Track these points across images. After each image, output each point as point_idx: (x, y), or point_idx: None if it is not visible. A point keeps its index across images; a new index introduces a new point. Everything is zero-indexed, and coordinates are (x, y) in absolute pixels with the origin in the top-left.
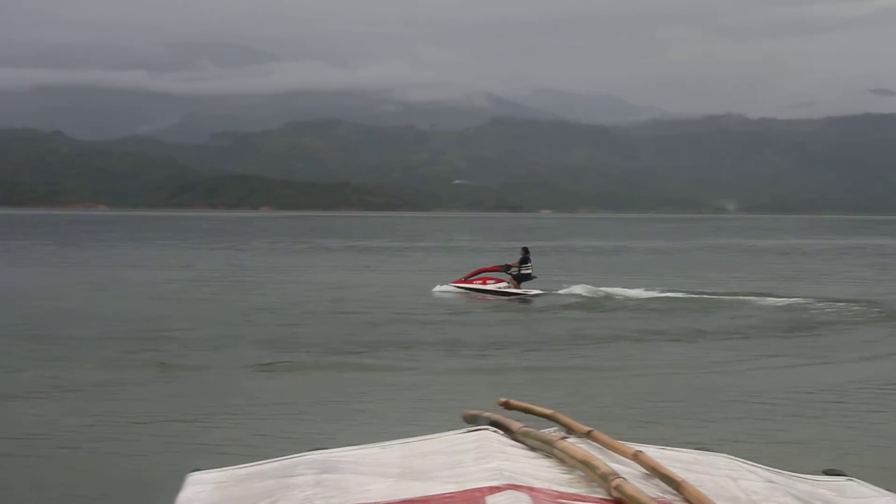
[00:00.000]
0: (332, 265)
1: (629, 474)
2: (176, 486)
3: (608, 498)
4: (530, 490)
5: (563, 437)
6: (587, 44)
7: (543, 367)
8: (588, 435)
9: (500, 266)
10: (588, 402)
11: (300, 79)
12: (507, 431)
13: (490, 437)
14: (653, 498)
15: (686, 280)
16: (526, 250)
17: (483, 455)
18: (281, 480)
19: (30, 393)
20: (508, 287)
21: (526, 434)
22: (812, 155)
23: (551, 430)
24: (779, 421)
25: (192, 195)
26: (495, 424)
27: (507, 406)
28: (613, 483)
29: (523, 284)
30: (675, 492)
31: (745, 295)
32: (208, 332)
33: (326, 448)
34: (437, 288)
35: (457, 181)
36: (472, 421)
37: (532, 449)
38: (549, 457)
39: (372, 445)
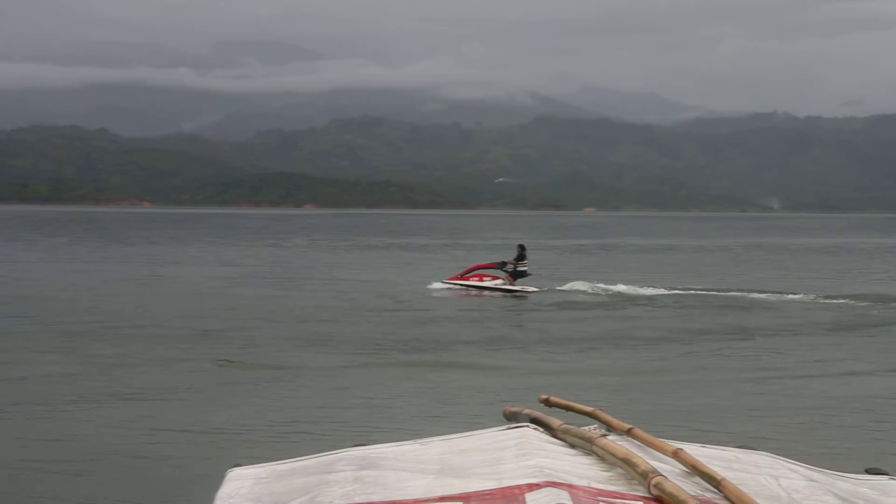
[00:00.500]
0: (374, 263)
1: (669, 472)
2: (215, 481)
3: (648, 496)
4: (570, 487)
5: (603, 435)
6: (632, 41)
7: (583, 364)
8: (628, 432)
9: (496, 263)
10: (628, 400)
11: (345, 77)
12: (547, 429)
13: (530, 435)
14: (693, 496)
15: (729, 278)
16: (522, 247)
17: (523, 452)
18: (320, 476)
19: (74, 392)
20: (505, 284)
21: (566, 431)
22: (858, 153)
23: (591, 427)
24: (821, 419)
25: (237, 193)
26: (535, 422)
27: (547, 403)
28: (653, 481)
29: (519, 281)
30: (715, 490)
31: (789, 293)
32: (250, 329)
33: (366, 444)
34: (434, 285)
35: (500, 179)
36: (512, 418)
37: (572, 446)
38: (588, 454)
39: (411, 442)
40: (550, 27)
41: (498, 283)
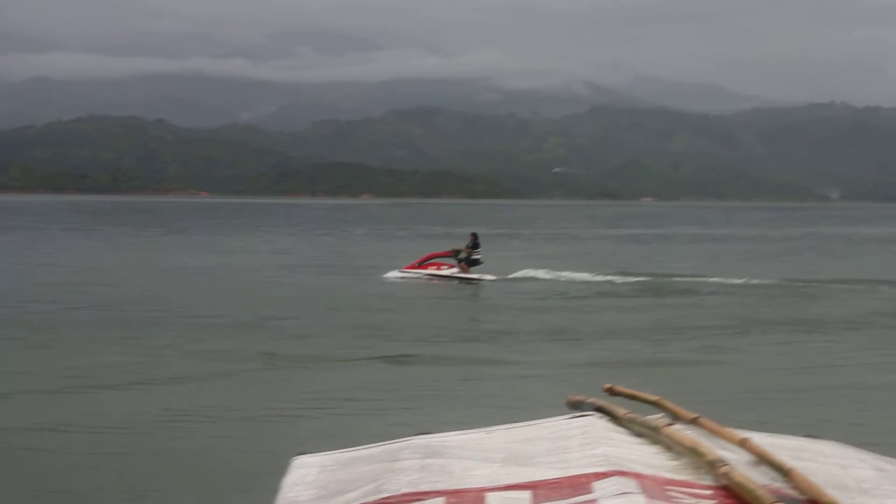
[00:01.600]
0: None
1: (736, 461)
2: (281, 469)
3: (715, 485)
4: (637, 476)
5: (670, 424)
6: (687, 30)
7: (644, 353)
8: (694, 422)
9: (451, 251)
10: (692, 390)
11: (401, 67)
12: (613, 417)
13: (595, 423)
14: (761, 485)
15: (787, 268)
16: (475, 236)
17: (588, 441)
18: (386, 465)
19: (137, 381)
20: (458, 273)
21: (632, 420)
22: None
23: (657, 416)
24: (890, 409)
25: (294, 183)
26: (600, 410)
27: (611, 392)
28: (721, 470)
29: (473, 270)
30: (783, 479)
31: (850, 283)
32: (309, 319)
33: (431, 433)
34: (390, 274)
35: (556, 169)
36: (577, 407)
37: (638, 435)
38: (655, 443)
39: (476, 430)
40: (605, 16)
41: (453, 271)
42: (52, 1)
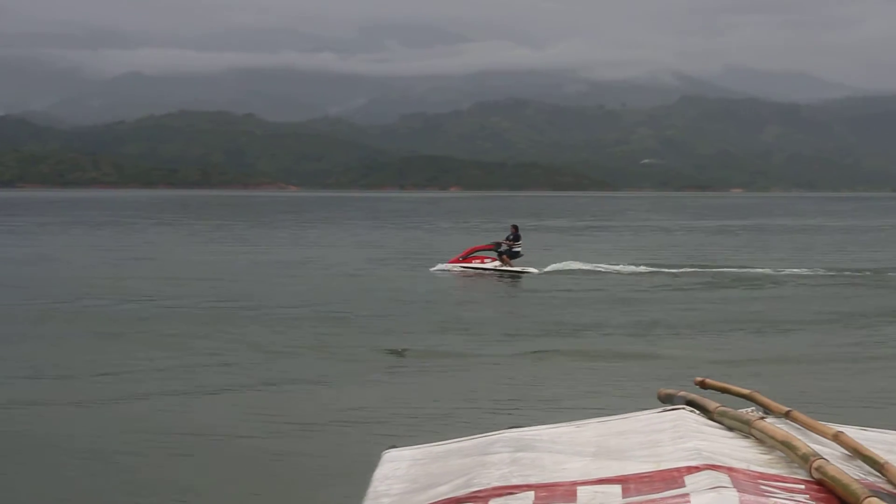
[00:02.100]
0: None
1: (830, 455)
2: (372, 462)
3: (809, 479)
4: (729, 470)
5: (762, 418)
6: (779, 20)
7: (736, 347)
8: (787, 415)
9: (492, 244)
10: (784, 383)
11: (488, 59)
12: (704, 411)
13: (687, 417)
14: (855, 479)
15: (880, 258)
16: (516, 227)
17: (680, 435)
18: (477, 458)
19: (225, 375)
20: (501, 266)
21: (723, 414)
22: None
23: (749, 410)
24: None
25: (382, 176)
26: (691, 404)
27: (702, 385)
28: (815, 464)
29: (514, 262)
30: (878, 473)
31: None
32: (398, 313)
33: (522, 427)
34: (436, 267)
35: (645, 161)
36: (668, 400)
37: (729, 429)
38: (747, 437)
39: (567, 424)
40: (694, 6)
41: (496, 264)
42: None
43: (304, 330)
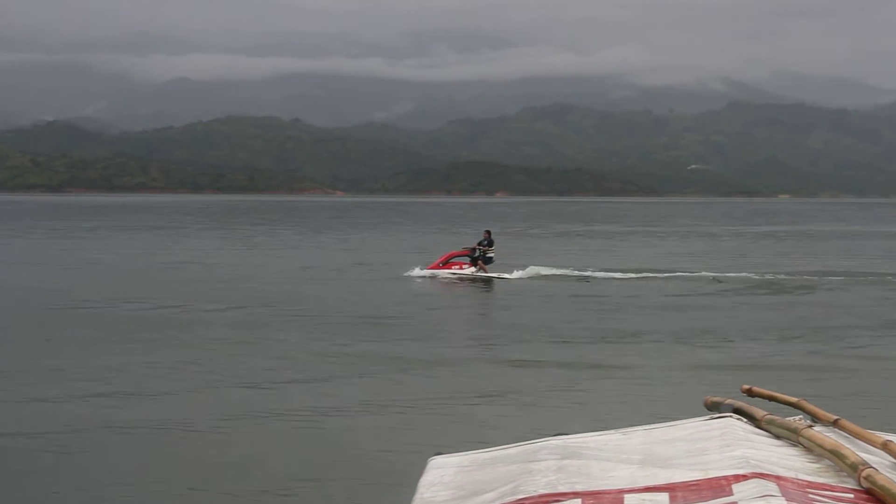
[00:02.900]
0: (564, 249)
1: (879, 464)
2: (418, 470)
3: (858, 488)
4: (778, 479)
5: (810, 426)
6: (826, 24)
7: (782, 354)
8: (835, 424)
9: (469, 250)
10: (831, 391)
11: (536, 64)
12: (751, 419)
13: (734, 425)
14: None
15: None
16: (489, 233)
17: (727, 443)
18: (523, 465)
19: (268, 381)
20: (478, 271)
21: (770, 422)
22: None
23: (796, 418)
24: None
25: (429, 181)
26: (738, 412)
27: (749, 393)
28: (864, 473)
29: (488, 268)
30: None
31: None
32: (436, 317)
33: (567, 434)
34: (413, 272)
35: (692, 166)
36: (715, 408)
37: (777, 437)
38: (794, 445)
39: (613, 432)
40: (741, 11)
41: (472, 270)
42: (191, 3)
43: (343, 334)
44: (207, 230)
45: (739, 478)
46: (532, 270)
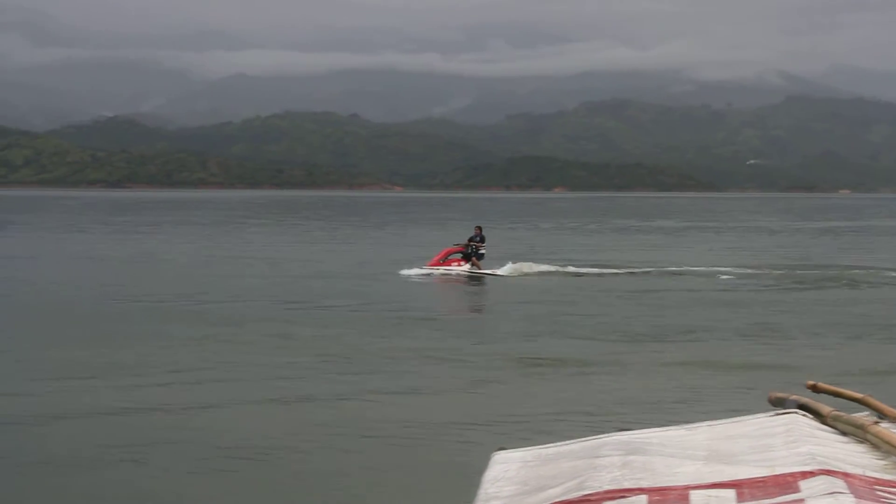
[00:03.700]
0: (621, 244)
1: None
2: (482, 464)
3: None
4: (845, 476)
5: (876, 422)
6: (887, 18)
7: (846, 350)
8: None
9: (462, 246)
10: (894, 388)
11: (593, 59)
12: (817, 415)
13: (799, 421)
14: None
15: None
16: (480, 229)
17: (793, 439)
18: (587, 461)
19: (330, 375)
20: (472, 268)
21: (836, 418)
22: None
23: (863, 414)
24: None
25: (487, 176)
26: (803, 408)
27: (814, 389)
28: None
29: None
30: None
31: None
32: (495, 313)
33: (631, 430)
34: (411, 271)
35: (751, 161)
36: (779, 404)
37: (843, 433)
38: (861, 442)
39: (677, 427)
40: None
41: (467, 267)
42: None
43: (406, 331)
44: (267, 225)
45: (806, 474)
46: (512, 268)
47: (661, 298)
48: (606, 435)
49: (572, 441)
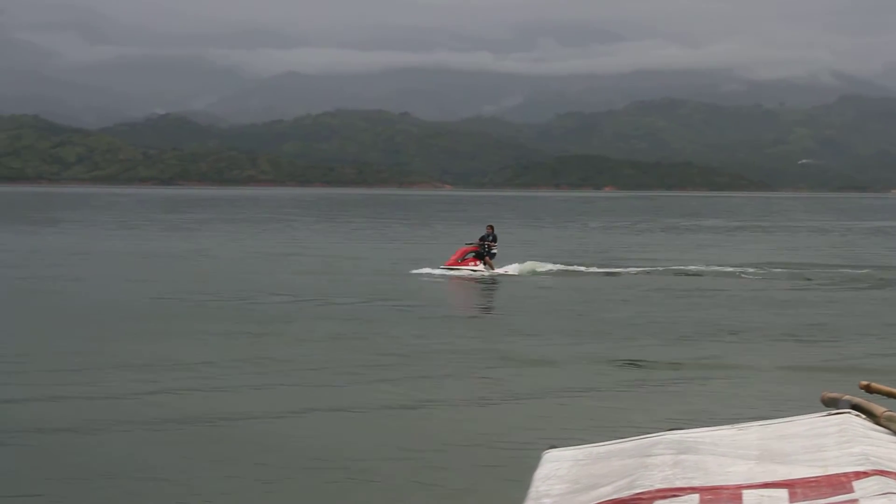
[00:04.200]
0: (672, 244)
1: None
2: (532, 462)
3: None
4: None
5: None
6: None
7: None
8: None
9: (477, 245)
10: None
11: (644, 58)
12: (870, 416)
13: (853, 421)
14: None
15: None
16: (492, 228)
17: (846, 439)
18: (638, 460)
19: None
20: (487, 268)
21: (890, 419)
22: None
23: None
24: None
25: (537, 175)
26: (856, 408)
27: (868, 389)
28: None
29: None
30: None
31: None
32: (544, 314)
33: (682, 429)
34: (423, 270)
35: (803, 161)
36: (832, 404)
37: None
38: None
39: (729, 427)
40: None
41: (482, 267)
42: None
43: (454, 329)
44: (319, 223)
45: (860, 475)
46: (529, 266)
47: (712, 297)
48: (657, 434)
49: (623, 440)
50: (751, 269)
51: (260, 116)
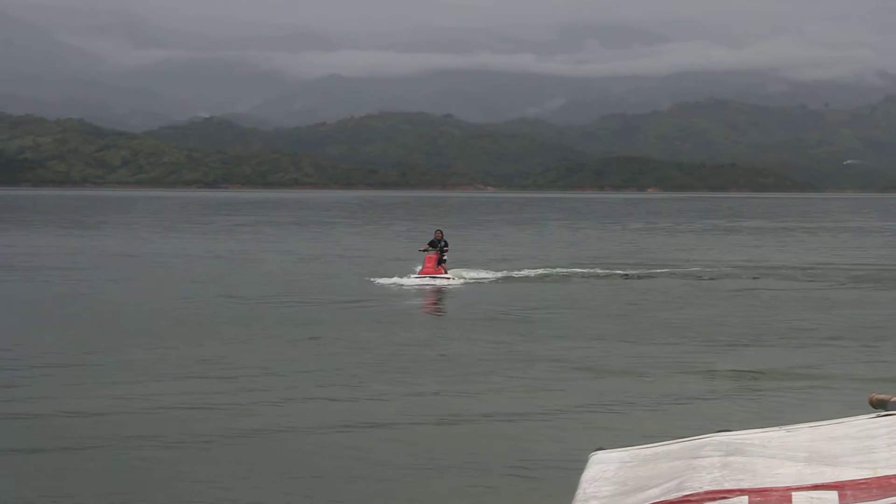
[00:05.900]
0: (718, 244)
1: None
2: (579, 464)
3: None
4: None
5: None
6: None
7: None
8: None
9: (437, 252)
10: None
11: (688, 59)
12: None
13: None
14: None
15: None
16: (441, 233)
17: None
18: (686, 461)
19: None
20: (446, 274)
21: None
22: None
23: None
24: None
25: (580, 177)
26: None
27: None
28: None
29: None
30: None
31: None
32: (580, 316)
33: (730, 430)
34: (405, 279)
35: (848, 161)
36: (881, 406)
37: None
38: None
39: (777, 429)
40: None
41: (443, 275)
42: (342, 1)
43: (500, 333)
44: (363, 225)
45: None
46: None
47: (756, 297)
48: (705, 436)
49: (670, 442)
50: (809, 269)
51: (303, 119)
